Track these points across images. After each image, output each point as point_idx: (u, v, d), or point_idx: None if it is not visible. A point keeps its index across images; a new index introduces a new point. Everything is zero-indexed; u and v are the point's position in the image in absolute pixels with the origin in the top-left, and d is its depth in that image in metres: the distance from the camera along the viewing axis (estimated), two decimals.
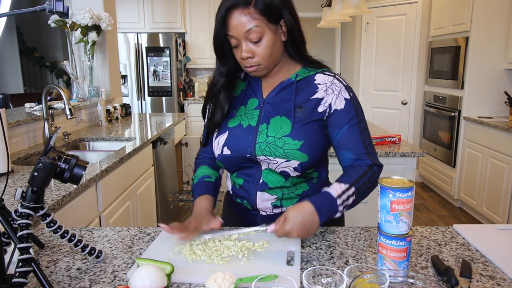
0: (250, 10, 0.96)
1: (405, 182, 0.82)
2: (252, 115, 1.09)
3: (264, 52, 1.01)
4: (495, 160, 3.25)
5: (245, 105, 1.12)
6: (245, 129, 1.08)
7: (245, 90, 1.14)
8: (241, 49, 1.01)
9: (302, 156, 1.02)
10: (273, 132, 1.05)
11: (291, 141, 1.03)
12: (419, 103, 4.51)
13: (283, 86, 1.09)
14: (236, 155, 1.08)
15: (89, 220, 1.70)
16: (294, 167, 1.04)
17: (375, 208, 0.84)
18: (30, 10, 0.79)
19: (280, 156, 1.03)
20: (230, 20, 0.98)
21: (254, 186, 1.10)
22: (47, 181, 0.81)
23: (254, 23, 0.97)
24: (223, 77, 1.09)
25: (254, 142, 1.05)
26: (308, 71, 1.09)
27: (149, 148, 2.59)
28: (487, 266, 0.90)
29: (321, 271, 0.74)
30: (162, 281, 0.76)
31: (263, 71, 1.06)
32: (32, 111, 2.52)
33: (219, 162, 1.13)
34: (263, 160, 1.06)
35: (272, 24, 1.00)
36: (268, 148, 1.04)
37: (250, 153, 1.06)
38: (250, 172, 1.10)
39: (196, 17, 5.32)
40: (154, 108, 5.17)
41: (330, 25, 3.70)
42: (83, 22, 2.95)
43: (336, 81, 1.07)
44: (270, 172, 1.07)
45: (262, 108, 1.09)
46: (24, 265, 0.75)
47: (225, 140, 1.09)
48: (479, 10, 3.50)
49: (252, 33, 0.98)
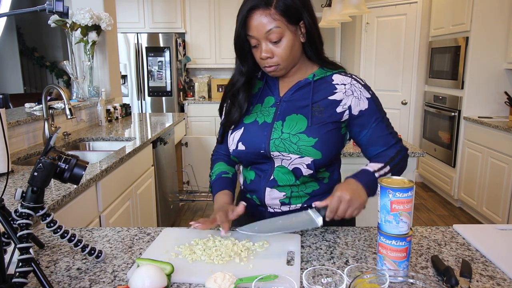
0: (271, 11, 0.99)
1: (405, 182, 0.82)
2: (268, 112, 1.11)
3: (283, 53, 1.03)
4: (495, 160, 3.25)
5: (261, 103, 1.14)
6: (260, 125, 1.10)
7: (262, 88, 1.16)
8: (260, 49, 1.03)
9: (316, 153, 1.04)
10: (288, 128, 1.06)
11: (306, 137, 1.04)
12: (419, 103, 4.51)
13: (300, 86, 1.10)
14: (250, 151, 1.10)
15: (89, 220, 1.70)
16: (307, 164, 1.05)
17: (375, 208, 0.84)
18: (30, 10, 0.79)
19: (294, 152, 1.05)
20: (251, 20, 1.00)
21: (264, 182, 1.12)
22: (47, 181, 0.81)
23: (275, 24, 0.99)
24: (243, 77, 1.12)
25: (269, 138, 1.07)
26: (325, 71, 1.12)
27: (149, 148, 2.59)
28: (487, 266, 0.90)
29: (321, 271, 0.74)
30: (162, 281, 0.76)
31: (282, 71, 1.08)
32: (32, 111, 2.52)
33: (234, 157, 1.16)
34: (276, 156, 1.07)
35: (292, 25, 1.02)
36: (282, 144, 1.06)
37: (265, 148, 1.08)
38: (263, 167, 1.12)
39: (196, 17, 5.32)
40: (154, 108, 5.17)
41: (330, 25, 3.70)
42: (83, 22, 2.95)
43: (354, 82, 1.10)
44: (282, 170, 1.09)
45: (279, 106, 1.11)
46: (24, 265, 0.75)
47: (240, 136, 1.12)
48: (479, 10, 3.50)
49: (273, 34, 1.00)
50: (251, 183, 1.15)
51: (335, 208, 0.94)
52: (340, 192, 0.95)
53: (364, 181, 0.99)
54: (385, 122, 1.11)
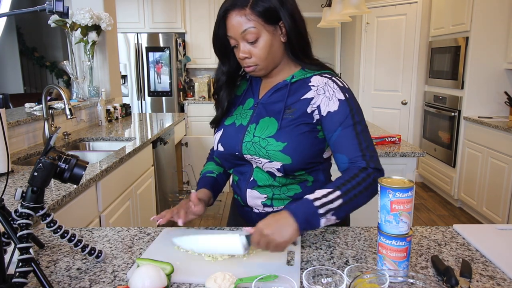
0: (246, 12, 0.98)
1: (405, 182, 0.82)
2: (246, 115, 1.11)
3: (261, 53, 1.02)
4: (495, 160, 3.25)
5: (242, 104, 1.15)
6: (237, 127, 1.10)
7: (246, 90, 1.16)
8: (239, 49, 1.03)
9: (284, 158, 1.01)
10: (259, 132, 1.05)
11: (274, 142, 1.02)
12: (419, 103, 4.51)
13: (278, 88, 1.09)
14: (228, 152, 1.11)
15: (89, 220, 1.70)
16: (277, 168, 1.03)
17: (375, 208, 0.84)
18: (30, 10, 0.79)
19: (263, 156, 1.03)
20: (228, 21, 1.01)
21: (245, 183, 1.12)
22: (47, 181, 0.81)
23: (250, 24, 0.99)
24: (224, 76, 1.12)
25: (242, 141, 1.07)
26: (306, 72, 1.07)
27: (149, 148, 2.59)
28: (487, 266, 0.90)
29: (321, 271, 0.74)
30: (162, 281, 0.76)
31: (262, 71, 1.07)
32: (32, 111, 2.52)
33: (216, 157, 1.19)
34: (250, 159, 1.07)
35: (269, 25, 1.00)
36: (253, 147, 1.05)
37: (238, 151, 1.08)
38: (243, 169, 1.12)
39: (196, 17, 5.32)
40: (154, 108, 5.17)
41: (330, 25, 3.70)
42: (83, 22, 2.95)
43: (330, 82, 1.04)
44: (260, 171, 1.08)
45: (256, 108, 1.11)
46: (24, 265, 0.75)
47: (219, 137, 1.13)
48: (479, 10, 3.50)
49: (249, 34, 0.99)
50: (235, 185, 1.16)
51: (256, 241, 0.87)
52: (262, 225, 0.87)
53: (300, 216, 0.87)
54: (356, 131, 1.00)
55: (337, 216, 0.91)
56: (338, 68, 5.79)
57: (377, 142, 2.36)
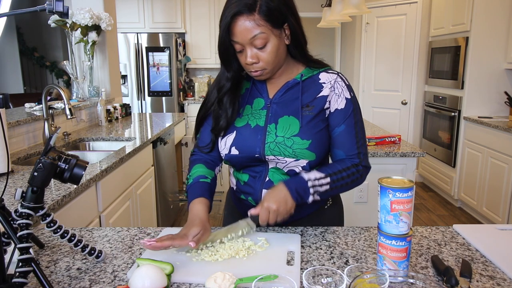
0: (255, 17, 0.97)
1: (405, 182, 0.82)
2: (260, 115, 1.10)
3: (269, 57, 1.02)
4: (495, 160, 3.25)
5: (251, 104, 1.13)
6: (253, 129, 1.08)
7: (249, 89, 1.14)
8: (245, 55, 1.02)
9: (310, 155, 1.04)
10: (282, 132, 1.06)
11: (300, 140, 1.04)
12: (419, 103, 4.51)
13: (289, 86, 1.10)
14: (244, 155, 1.08)
15: (89, 220, 1.70)
16: (302, 166, 1.06)
17: (375, 208, 0.84)
18: (30, 10, 0.79)
19: (289, 156, 1.04)
20: (235, 26, 0.98)
21: (259, 183, 1.11)
22: (47, 181, 0.81)
23: (259, 30, 0.97)
24: (229, 82, 1.10)
25: (264, 142, 1.06)
26: (312, 70, 1.11)
27: (149, 148, 2.59)
28: (487, 266, 0.90)
29: (321, 271, 0.74)
30: (162, 281, 0.76)
31: (268, 74, 1.07)
32: (32, 111, 2.52)
33: (226, 161, 1.14)
34: (271, 159, 1.07)
35: (276, 29, 1.00)
36: (277, 148, 1.05)
37: (259, 153, 1.07)
38: (257, 169, 1.11)
39: (196, 17, 5.32)
40: (154, 108, 5.17)
41: (330, 25, 3.70)
42: (83, 22, 2.95)
43: (339, 80, 1.10)
44: (277, 171, 1.09)
45: (269, 108, 1.10)
46: (24, 265, 0.75)
47: (233, 140, 1.09)
48: (479, 10, 3.50)
49: (257, 40, 0.98)
50: (245, 185, 1.14)
51: (265, 219, 0.97)
52: (267, 203, 0.97)
53: (293, 188, 1.00)
54: (356, 130, 1.08)
55: (320, 197, 1.04)
56: (338, 68, 5.79)
57: (377, 142, 2.36)
